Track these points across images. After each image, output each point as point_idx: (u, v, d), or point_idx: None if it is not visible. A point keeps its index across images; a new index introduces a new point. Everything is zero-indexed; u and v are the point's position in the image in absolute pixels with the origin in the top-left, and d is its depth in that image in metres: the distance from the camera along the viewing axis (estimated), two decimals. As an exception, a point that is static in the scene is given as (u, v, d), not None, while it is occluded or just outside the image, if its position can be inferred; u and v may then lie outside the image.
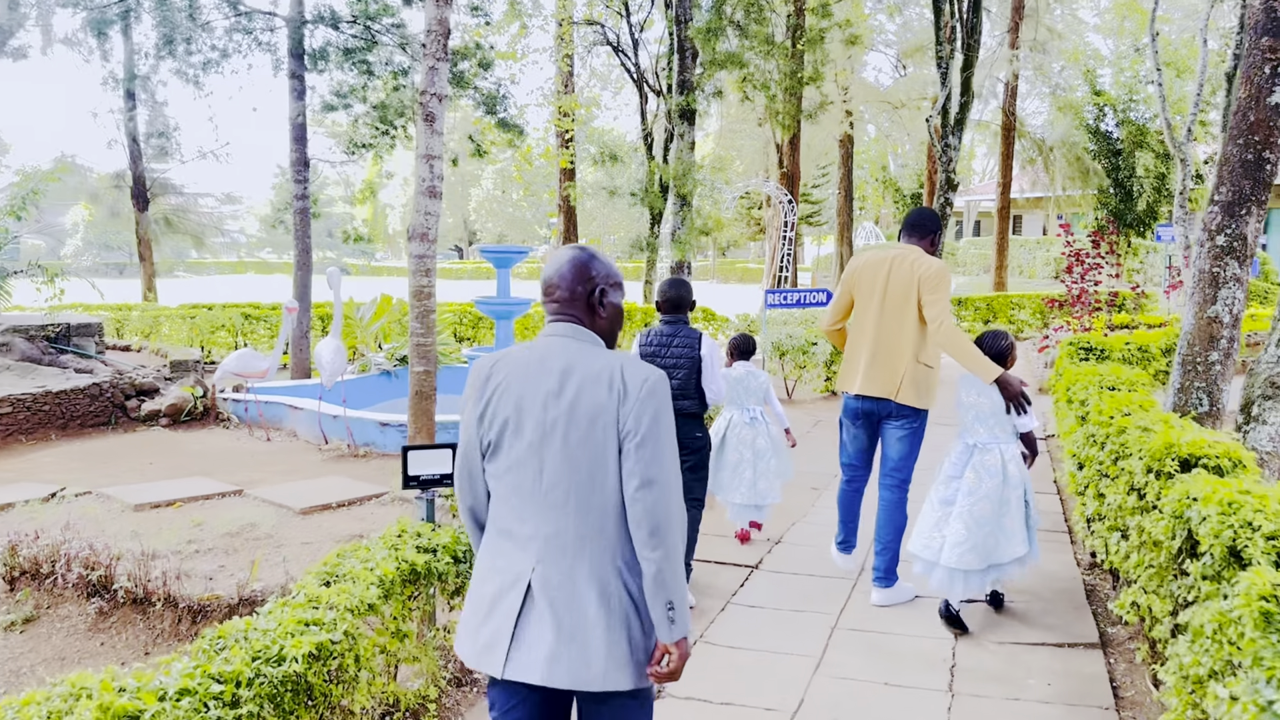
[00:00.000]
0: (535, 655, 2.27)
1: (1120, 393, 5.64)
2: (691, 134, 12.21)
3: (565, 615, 2.27)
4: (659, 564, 2.25)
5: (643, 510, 2.25)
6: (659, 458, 2.27)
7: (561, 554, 2.31)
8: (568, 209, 19.99)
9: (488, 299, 10.45)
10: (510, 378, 2.39)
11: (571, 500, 2.30)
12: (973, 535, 4.56)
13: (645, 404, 2.27)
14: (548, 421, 2.31)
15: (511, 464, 2.36)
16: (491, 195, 52.91)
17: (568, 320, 2.42)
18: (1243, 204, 4.35)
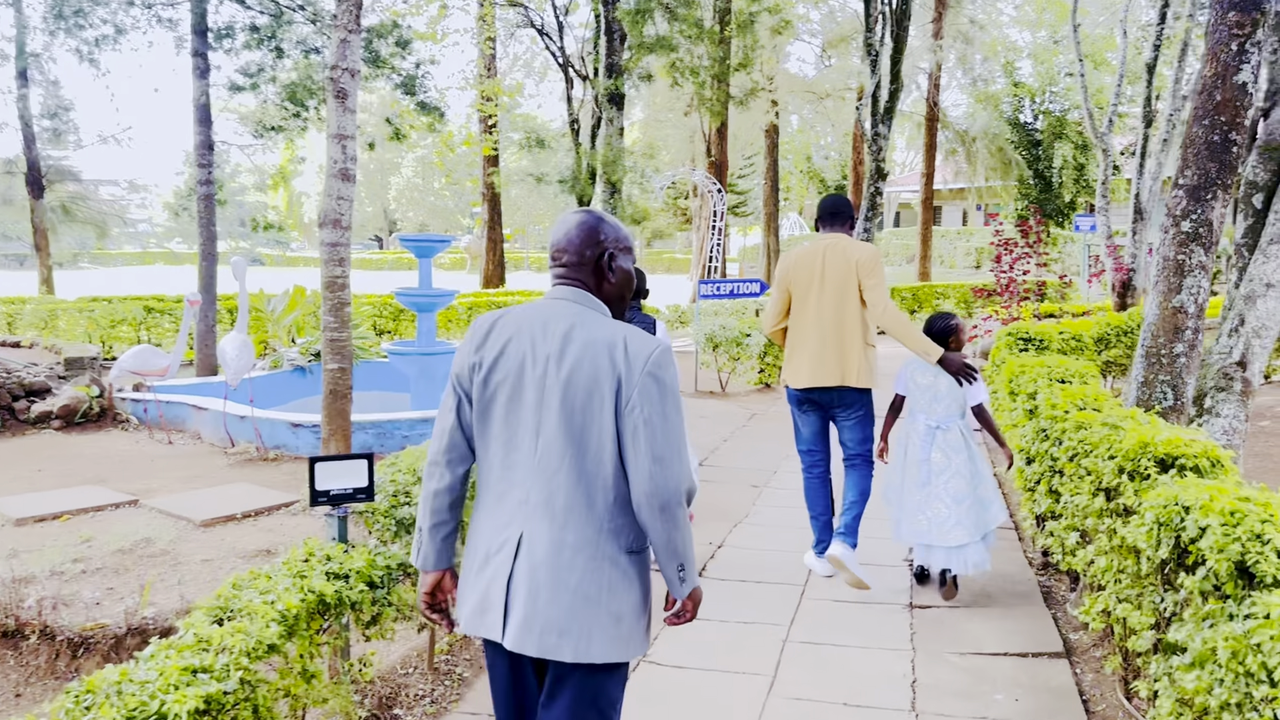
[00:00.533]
0: (526, 625, 2.21)
1: (1072, 386, 5.45)
2: (620, 119, 11.82)
3: (558, 581, 2.21)
4: (669, 534, 2.25)
5: (654, 488, 2.21)
6: (667, 434, 2.23)
7: (550, 520, 2.25)
8: (492, 197, 19.42)
9: (408, 290, 9.92)
10: (513, 338, 2.33)
11: (565, 467, 2.25)
12: (956, 512, 4.79)
13: (650, 378, 2.23)
14: (547, 386, 2.27)
15: (505, 425, 2.31)
16: (412, 183, 51.67)
17: (573, 284, 2.37)
18: (1208, 188, 4.14)
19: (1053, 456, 5.26)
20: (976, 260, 32.84)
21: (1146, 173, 15.86)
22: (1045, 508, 5.35)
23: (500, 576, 2.26)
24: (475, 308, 14.85)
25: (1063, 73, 26.11)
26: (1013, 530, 6.21)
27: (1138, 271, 16.19)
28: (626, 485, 2.26)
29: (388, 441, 7.92)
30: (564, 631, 2.20)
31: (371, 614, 3.49)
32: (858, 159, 25.68)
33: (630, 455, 2.23)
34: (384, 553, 3.58)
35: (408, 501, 3.69)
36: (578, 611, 2.21)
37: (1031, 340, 8.06)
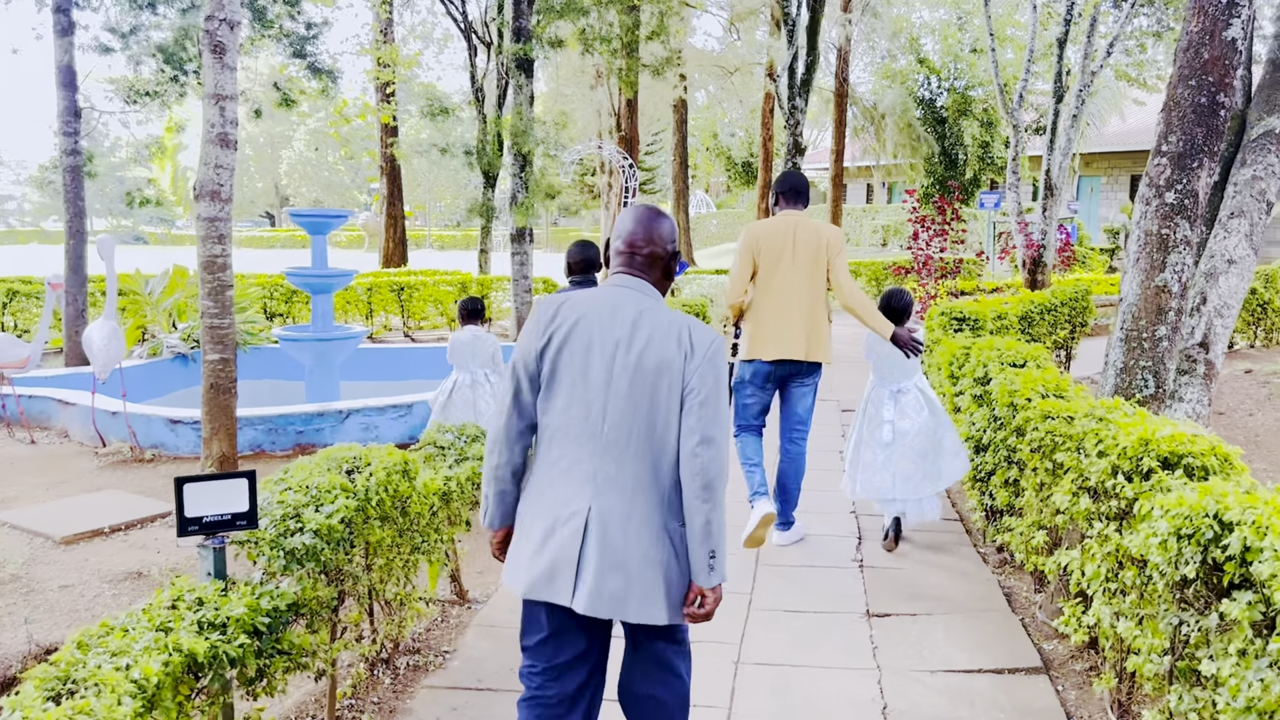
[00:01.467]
0: (596, 589, 2.38)
1: (1030, 370, 5.10)
2: (530, 86, 11.14)
3: (618, 551, 2.39)
4: (708, 515, 2.39)
5: (700, 465, 2.37)
6: (718, 417, 2.40)
7: (620, 494, 2.42)
8: (391, 170, 18.43)
9: (301, 270, 9.11)
10: (581, 320, 2.47)
11: (632, 445, 2.42)
12: (920, 467, 5.18)
13: (709, 365, 2.42)
14: (616, 367, 2.43)
15: (573, 402, 2.45)
16: (305, 157, 49.53)
17: (639, 276, 2.55)
18: (1194, 155, 3.79)
19: (1010, 447, 4.92)
20: (884, 238, 33.07)
21: (1057, 149, 15.91)
22: (1001, 501, 5.02)
23: (571, 546, 2.41)
24: (375, 288, 14.00)
25: (967, 49, 26.28)
26: (958, 522, 5.88)
27: (1048, 248, 16.28)
28: (677, 464, 2.43)
29: (280, 438, 7.18)
30: (626, 596, 2.39)
31: (256, 668, 2.87)
32: (767, 135, 25.40)
33: (684, 434, 2.40)
34: (271, 591, 2.95)
35: (300, 527, 3.07)
36: (645, 577, 2.40)
37: (966, 320, 7.78)
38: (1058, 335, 10.31)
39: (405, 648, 3.96)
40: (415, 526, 3.77)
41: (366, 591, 3.52)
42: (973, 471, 5.66)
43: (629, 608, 2.40)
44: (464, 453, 4.36)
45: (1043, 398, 4.55)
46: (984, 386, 5.46)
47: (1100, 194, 28.76)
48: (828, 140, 37.88)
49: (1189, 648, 2.74)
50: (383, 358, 10.96)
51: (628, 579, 2.39)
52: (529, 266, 11.56)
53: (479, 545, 5.36)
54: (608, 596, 2.38)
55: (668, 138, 33.47)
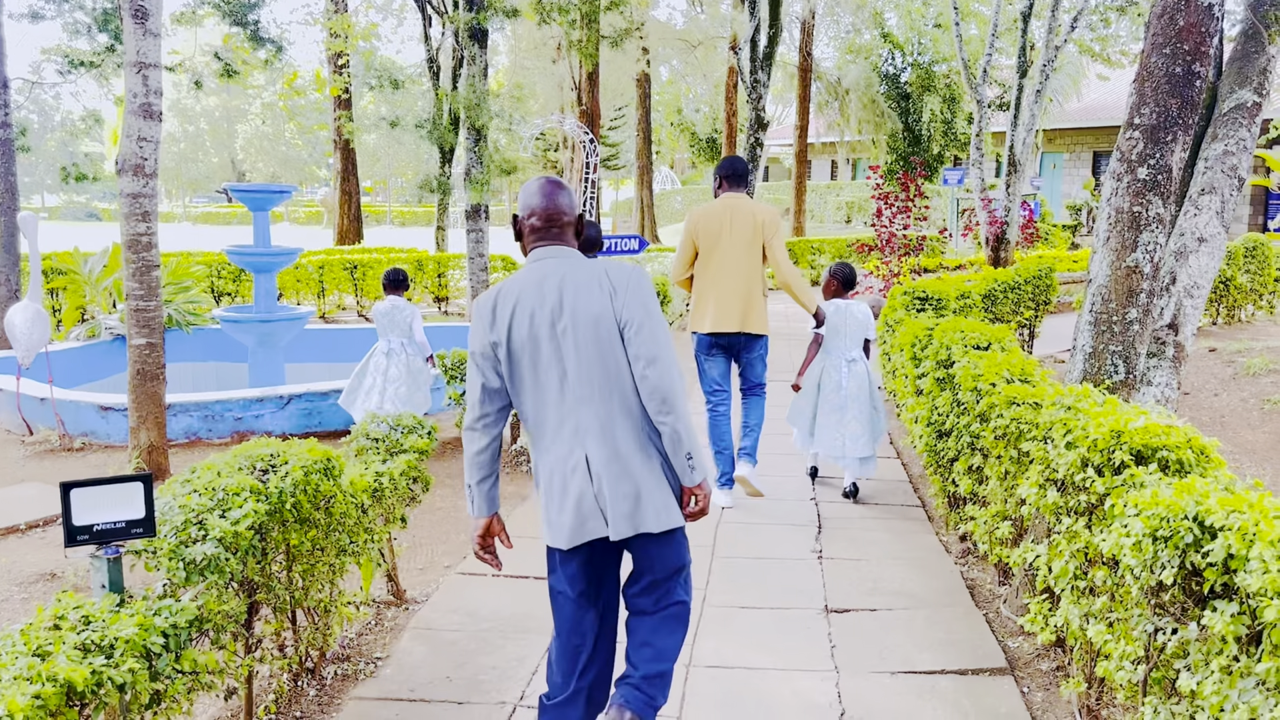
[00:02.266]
0: (617, 517, 2.68)
1: (994, 353, 4.92)
2: (484, 58, 10.76)
3: (624, 481, 2.69)
4: (673, 425, 2.69)
5: (652, 384, 2.66)
6: (655, 337, 2.68)
7: (603, 436, 2.70)
8: (344, 145, 17.91)
9: (243, 248, 8.73)
10: (517, 305, 2.70)
11: (596, 392, 2.69)
12: (866, 429, 5.76)
13: (633, 294, 2.69)
14: (559, 332, 2.68)
15: (537, 377, 2.73)
16: (261, 132, 48.43)
17: (557, 243, 2.80)
18: (1168, 128, 3.58)
19: (974, 433, 4.74)
20: (847, 214, 32.94)
21: (1020, 124, 15.78)
22: (965, 488, 4.84)
23: (587, 492, 2.71)
24: (327, 265, 13.58)
25: (930, 24, 26.08)
26: (919, 508, 5.71)
27: (1011, 225, 16.18)
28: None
29: (217, 425, 6.85)
30: (639, 512, 2.70)
31: (153, 691, 2.60)
32: (731, 110, 25.11)
33: (631, 361, 2.69)
34: (169, 607, 2.67)
35: (203, 535, 2.79)
36: (650, 495, 2.72)
37: (929, 299, 7.59)
38: (1022, 314, 10.18)
39: (333, 655, 3.70)
40: (342, 527, 3.50)
41: (286, 599, 3.25)
42: (934, 458, 5.48)
43: (647, 521, 2.71)
44: (399, 445, 4.09)
45: (1007, 383, 4.36)
46: (947, 370, 5.27)
47: (1063, 170, 28.81)
48: (792, 116, 37.60)
49: (1165, 657, 2.55)
50: (333, 339, 10.60)
51: (637, 500, 2.71)
52: (485, 244, 11.23)
53: (420, 541, 5.11)
54: (626, 518, 2.70)
55: (631, 113, 33.04)
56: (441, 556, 4.88)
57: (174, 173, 54.05)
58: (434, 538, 5.16)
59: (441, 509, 5.60)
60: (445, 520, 5.44)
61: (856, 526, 5.33)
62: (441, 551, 4.95)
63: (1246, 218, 24.71)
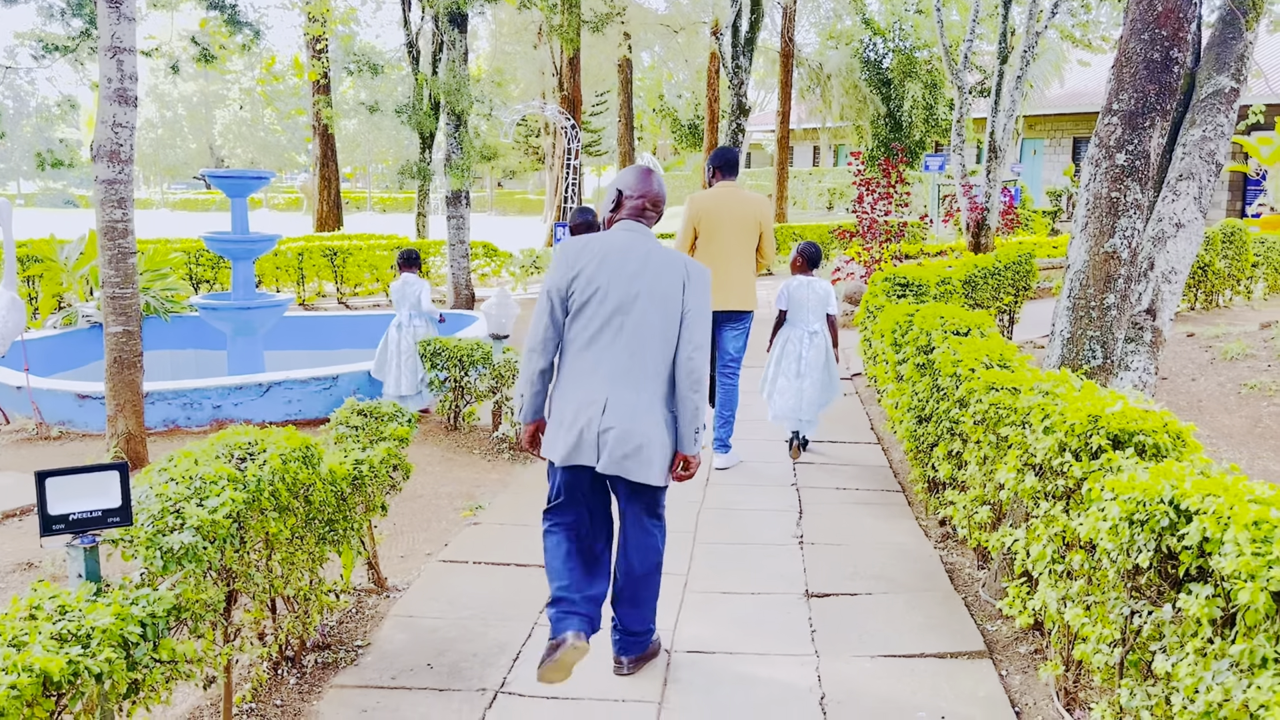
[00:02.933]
0: (611, 455, 3.14)
1: (973, 338, 4.94)
2: (464, 42, 10.68)
3: (631, 431, 3.14)
4: (697, 402, 3.23)
5: (693, 366, 3.21)
6: (706, 330, 3.26)
7: (633, 387, 3.17)
8: (323, 130, 17.74)
9: (221, 235, 8.65)
10: (600, 257, 3.20)
11: (641, 350, 3.17)
12: (819, 393, 6.34)
13: (702, 290, 3.25)
14: (631, 293, 3.17)
15: (597, 321, 3.18)
16: (240, 117, 47.94)
17: (642, 222, 3.33)
18: (1146, 114, 3.60)
19: (953, 419, 4.76)
20: (829, 201, 32.99)
21: (1001, 110, 15.82)
22: (944, 473, 4.86)
23: (593, 425, 3.15)
24: (307, 252, 13.48)
25: (911, 10, 26.08)
26: (900, 493, 5.74)
27: (991, 211, 16.25)
28: (673, 367, 3.23)
29: (196, 413, 6.80)
30: (633, 461, 3.15)
31: (131, 680, 2.58)
32: (713, 96, 25.05)
33: (682, 342, 3.21)
34: (146, 596, 2.66)
35: (181, 524, 2.77)
36: (643, 449, 3.14)
37: (910, 285, 7.61)
38: (1002, 299, 10.23)
39: (314, 643, 3.68)
40: (321, 516, 3.49)
41: (266, 587, 3.24)
42: (915, 443, 5.51)
43: (635, 469, 3.15)
44: (379, 432, 4.07)
45: (986, 368, 4.38)
46: (927, 355, 5.29)
47: (1043, 156, 28.93)
48: (773, 103, 37.53)
49: (1141, 639, 2.58)
50: (312, 326, 10.53)
51: (635, 449, 3.14)
52: (465, 231, 11.19)
53: (401, 528, 5.09)
54: (620, 461, 3.14)
55: (613, 99, 32.93)
56: (422, 544, 4.87)
57: (151, 159, 53.50)
58: (415, 525, 5.14)
59: (423, 496, 5.59)
60: (427, 508, 5.43)
61: (837, 512, 5.35)
62: (423, 539, 4.94)
63: (1225, 203, 24.90)
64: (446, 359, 6.66)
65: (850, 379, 9.17)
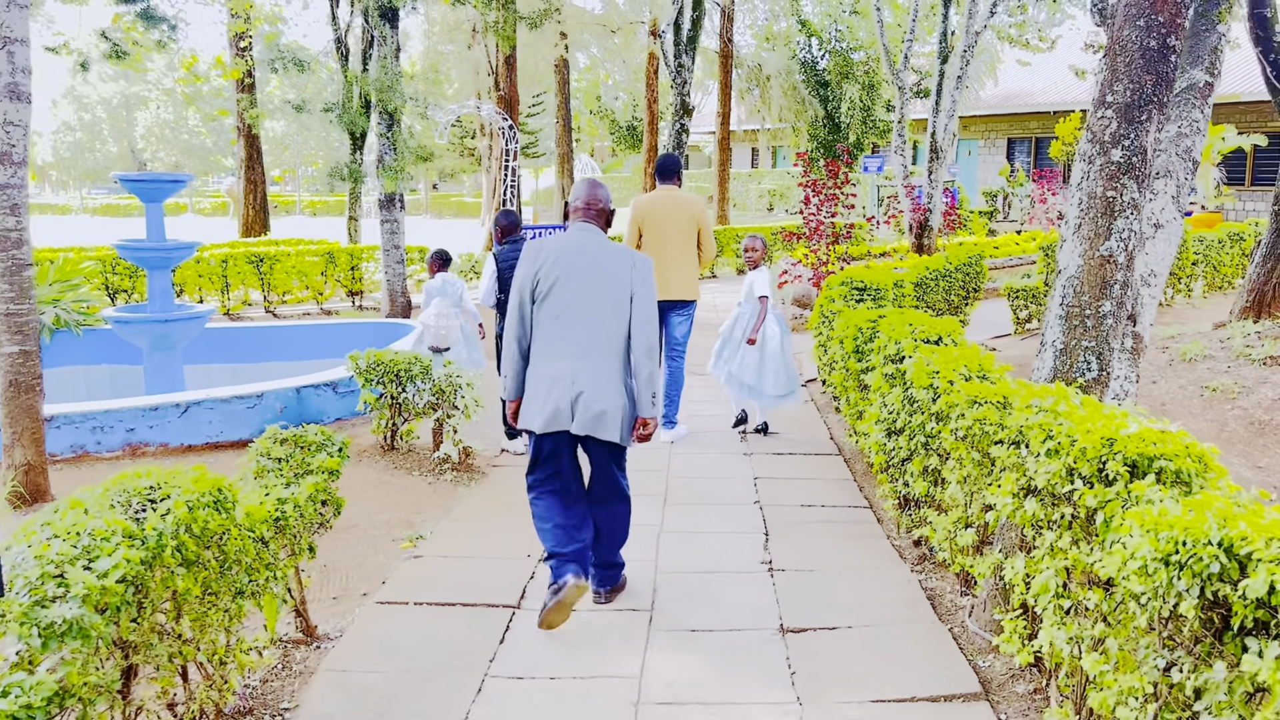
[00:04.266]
0: (583, 418, 3.79)
1: (948, 348, 4.66)
2: (395, 38, 10.19)
3: (598, 397, 3.80)
4: (650, 369, 3.90)
5: (645, 337, 3.89)
6: (653, 307, 3.94)
7: (595, 360, 3.83)
8: (248, 132, 17.00)
9: (134, 242, 8.06)
10: (557, 254, 3.90)
11: (601, 329, 3.86)
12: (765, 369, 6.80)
13: (646, 274, 3.94)
14: (586, 281, 3.87)
15: (561, 306, 3.85)
16: (162, 119, 46.31)
17: (592, 223, 4.05)
18: (1143, 106, 3.34)
19: (929, 433, 4.48)
20: (770, 202, 32.91)
21: (942, 110, 15.78)
22: (919, 490, 4.58)
23: (566, 395, 3.77)
24: (232, 259, 12.81)
25: (847, 11, 26.08)
26: (868, 509, 5.45)
27: (934, 212, 16.19)
28: (628, 342, 3.89)
29: (107, 438, 6.24)
30: (601, 422, 3.78)
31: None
32: (652, 96, 24.73)
33: (634, 318, 3.87)
34: (21, 683, 2.20)
35: (64, 592, 2.32)
36: (607, 412, 3.79)
37: (867, 289, 7.35)
38: (953, 301, 10.07)
39: (233, 709, 3.24)
40: (238, 566, 3.04)
41: (175, 653, 2.79)
42: (885, 457, 5.23)
43: (603, 429, 3.77)
44: (305, 464, 3.64)
45: (966, 380, 4.10)
46: (897, 365, 5.00)
47: (978, 157, 29.20)
48: (711, 105, 37.31)
49: (1183, 697, 2.28)
50: (238, 338, 9.94)
51: (601, 412, 3.76)
52: (400, 235, 10.69)
53: (334, 564, 4.64)
54: (590, 422, 3.75)
55: (550, 100, 32.44)
56: (357, 582, 4.43)
57: (70, 163, 51.54)
58: (349, 560, 4.70)
59: (358, 526, 5.14)
60: (362, 539, 4.98)
61: (805, 532, 5.04)
62: (358, 576, 4.50)
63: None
64: (383, 373, 6.20)
65: (805, 385, 8.90)
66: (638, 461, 6.29)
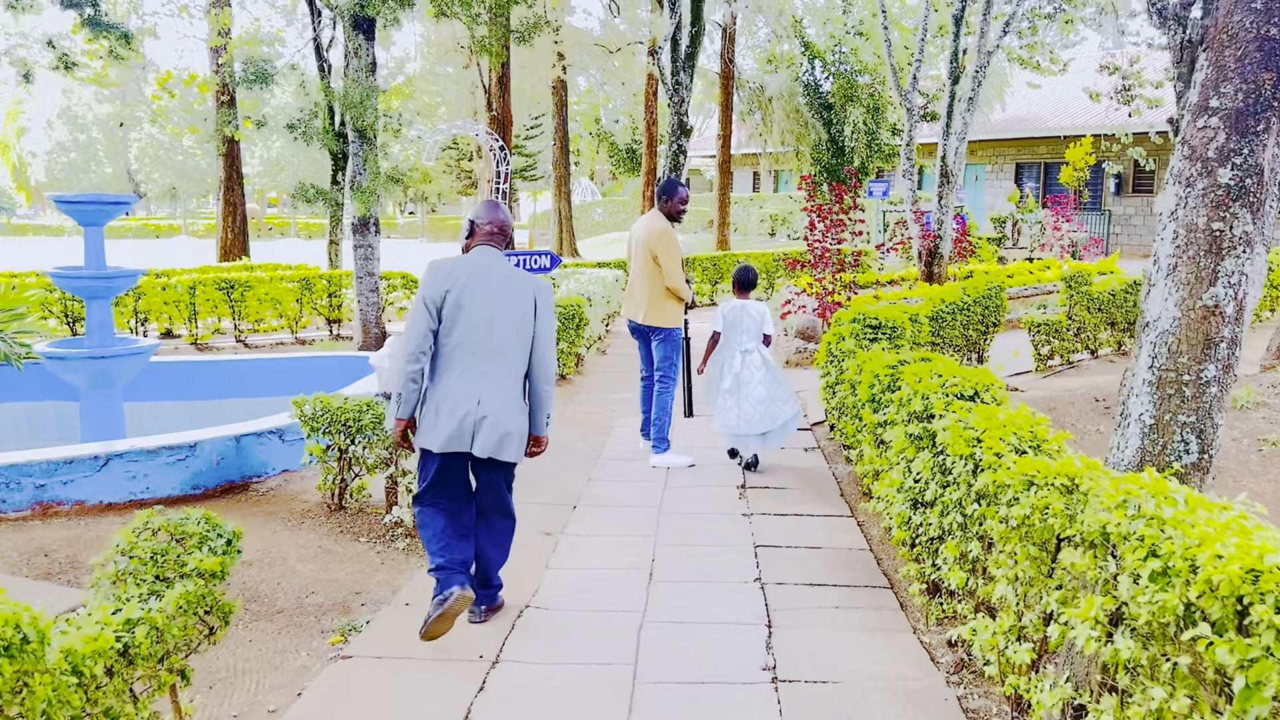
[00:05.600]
0: (483, 441, 3.89)
1: (988, 407, 3.88)
2: (371, 51, 9.49)
3: (500, 420, 3.92)
4: (548, 393, 4.11)
5: (543, 363, 4.07)
6: (553, 334, 4.12)
7: (499, 385, 3.95)
8: (229, 150, 16.30)
9: (69, 271, 7.31)
10: (466, 277, 3.96)
11: (504, 353, 3.96)
12: (759, 409, 6.47)
13: (547, 305, 4.10)
14: (492, 307, 3.95)
15: (466, 330, 3.92)
16: (157, 140, 45.72)
17: (495, 246, 4.14)
18: (1259, 113, 2.58)
19: (967, 514, 3.69)
20: (771, 228, 32.20)
21: (953, 133, 15.06)
22: (955, 580, 3.78)
23: (470, 417, 3.89)
24: (200, 285, 12.02)
25: (851, 33, 25.46)
26: (888, 590, 4.64)
27: (944, 239, 15.45)
28: (528, 365, 4.08)
29: (14, 495, 5.44)
30: (503, 444, 3.94)
31: None
32: (650, 118, 24.12)
33: (536, 347, 4.06)
34: None
35: None
36: (510, 435, 3.96)
37: (881, 327, 6.58)
38: (970, 335, 9.30)
39: None
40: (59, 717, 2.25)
41: None
42: (908, 532, 4.43)
43: (505, 452, 3.95)
44: (180, 565, 2.84)
45: (1018, 453, 3.32)
46: (924, 424, 4.22)
47: (985, 182, 28.52)
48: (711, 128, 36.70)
49: None
50: (193, 373, 9.15)
51: (502, 435, 3.93)
52: (375, 262, 9.93)
53: (242, 667, 3.83)
54: (492, 445, 3.91)
55: (549, 122, 31.84)
56: (269, 693, 3.62)
57: (64, 184, 50.93)
58: (264, 661, 3.89)
59: (284, 610, 4.34)
60: (286, 627, 4.17)
61: (815, 622, 4.23)
62: (269, 684, 3.69)
63: (1168, 230, 24.63)
64: (329, 422, 5.42)
65: (810, 429, 8.11)
66: (620, 524, 5.53)
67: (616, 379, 10.54)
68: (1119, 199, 25.71)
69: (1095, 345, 10.70)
